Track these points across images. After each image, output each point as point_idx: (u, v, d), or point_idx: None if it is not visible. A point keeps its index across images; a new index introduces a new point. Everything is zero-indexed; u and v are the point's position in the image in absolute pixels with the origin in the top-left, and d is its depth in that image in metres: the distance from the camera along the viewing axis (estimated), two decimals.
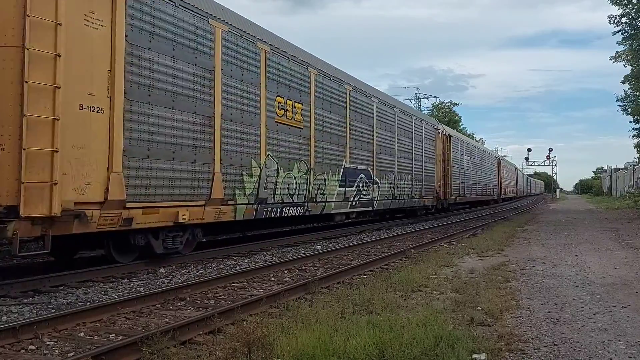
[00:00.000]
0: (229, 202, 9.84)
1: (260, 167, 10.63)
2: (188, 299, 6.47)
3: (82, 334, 4.97)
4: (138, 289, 7.12)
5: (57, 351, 4.49)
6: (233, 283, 7.52)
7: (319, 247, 11.98)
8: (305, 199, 12.40)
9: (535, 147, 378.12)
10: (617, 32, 28.20)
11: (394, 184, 18.53)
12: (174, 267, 8.87)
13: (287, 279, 8.07)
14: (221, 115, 9.54)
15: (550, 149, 75.81)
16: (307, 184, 12.50)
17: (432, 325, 4.65)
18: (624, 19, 27.39)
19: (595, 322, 5.34)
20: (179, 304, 6.24)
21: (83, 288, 7.10)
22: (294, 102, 12.14)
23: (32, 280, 7.01)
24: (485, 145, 59.03)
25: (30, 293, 6.70)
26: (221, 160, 9.54)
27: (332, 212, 14.15)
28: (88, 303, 6.15)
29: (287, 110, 11.77)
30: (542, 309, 5.90)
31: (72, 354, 4.33)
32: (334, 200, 13.92)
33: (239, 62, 10.13)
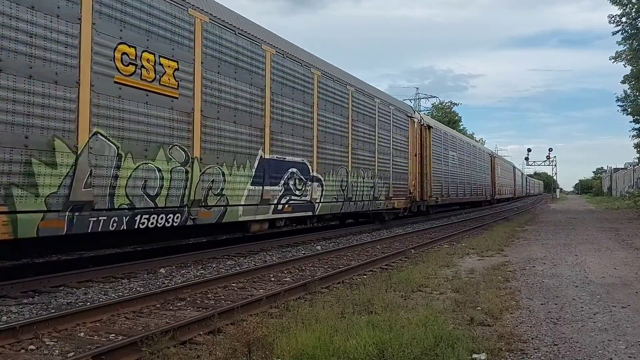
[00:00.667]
0: None
1: (75, 152, 6.78)
2: (188, 299, 6.47)
3: (82, 334, 4.97)
4: (138, 289, 7.12)
5: (57, 351, 4.49)
6: (233, 283, 7.52)
7: (319, 247, 11.99)
8: (184, 201, 8.59)
9: (535, 147, 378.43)
10: (617, 32, 28.24)
11: (347, 181, 14.62)
12: (174, 267, 8.87)
13: (287, 279, 8.07)
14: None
15: (550, 149, 75.81)
16: (186, 180, 8.62)
17: (432, 325, 4.65)
18: (624, 19, 27.43)
19: (595, 322, 5.34)
20: (179, 304, 6.24)
21: (83, 288, 7.10)
22: (161, 56, 8.14)
23: (32, 280, 7.01)
24: (485, 145, 58.45)
25: (30, 293, 6.70)
26: None
27: (242, 219, 10.15)
28: (88, 303, 6.15)
29: (144, 67, 7.87)
30: (542, 309, 5.90)
31: (72, 354, 4.33)
32: (242, 203, 10.04)
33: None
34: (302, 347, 4.02)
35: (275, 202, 11.17)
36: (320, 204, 13.16)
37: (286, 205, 11.61)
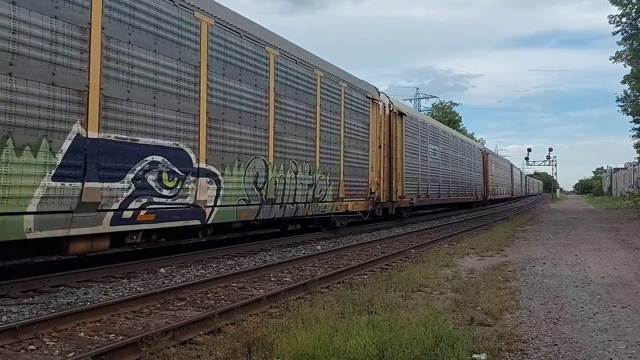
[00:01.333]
0: None
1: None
2: (188, 299, 6.47)
3: (82, 334, 4.97)
4: (138, 289, 7.12)
5: (57, 351, 4.49)
6: (233, 283, 7.52)
7: (319, 247, 11.98)
8: None
9: (535, 147, 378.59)
10: (617, 32, 28.20)
11: (267, 177, 10.74)
12: (174, 267, 8.87)
13: (287, 279, 8.07)
14: None
15: (550, 149, 75.70)
16: None
17: (432, 325, 4.65)
18: (624, 19, 27.39)
19: (595, 322, 5.34)
20: (179, 304, 6.24)
21: (83, 288, 7.10)
22: None
23: (32, 280, 7.01)
24: (485, 146, 57.97)
25: (30, 293, 6.70)
26: None
27: (34, 236, 6.24)
28: (88, 303, 6.15)
29: None
30: (542, 309, 5.90)
31: (72, 354, 4.33)
32: (32, 210, 6.23)
33: None
34: (302, 347, 4.02)
35: (116, 206, 7.34)
36: (216, 208, 9.29)
37: (142, 212, 7.76)
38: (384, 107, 17.59)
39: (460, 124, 67.56)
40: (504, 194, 48.70)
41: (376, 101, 16.77)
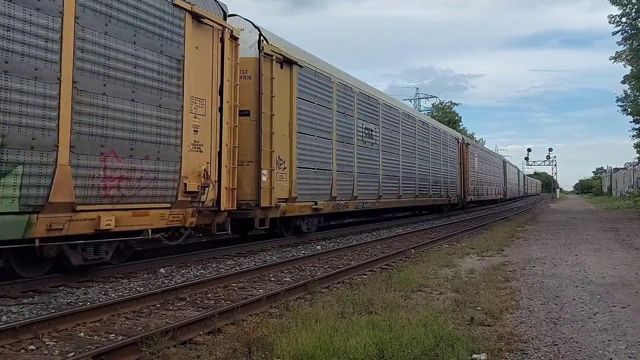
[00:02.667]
0: None
1: None
2: (188, 299, 6.47)
3: (82, 334, 4.97)
4: (138, 289, 7.12)
5: (57, 351, 4.49)
6: (233, 283, 7.52)
7: (318, 247, 11.98)
8: None
9: (535, 147, 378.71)
10: (617, 32, 28.23)
11: None
12: (174, 267, 8.87)
13: (287, 279, 8.07)
14: None
15: (550, 149, 75.61)
16: None
17: (432, 325, 4.65)
18: (623, 19, 27.41)
19: (595, 322, 5.34)
20: (179, 304, 6.24)
21: (83, 288, 7.10)
22: None
23: (32, 280, 7.01)
24: (485, 145, 57.52)
25: (30, 293, 6.70)
26: None
27: None
28: (88, 303, 6.15)
29: None
30: (542, 309, 5.89)
31: (72, 354, 4.33)
32: None
33: None
34: (302, 347, 4.02)
35: None
36: None
37: None
38: (231, 38, 9.73)
39: (460, 124, 67.60)
40: (493, 195, 41.38)
41: (203, 20, 8.92)
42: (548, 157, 75.86)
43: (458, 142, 29.47)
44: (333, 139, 14.17)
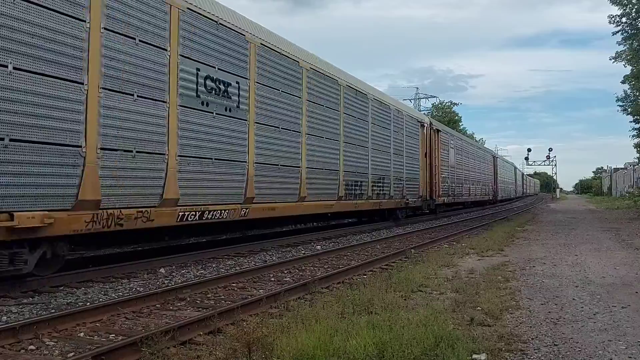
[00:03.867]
0: None
1: None
2: (188, 299, 6.47)
3: (82, 334, 4.97)
4: (138, 289, 7.12)
5: (57, 351, 4.49)
6: (233, 283, 7.52)
7: (318, 247, 11.98)
8: None
9: (535, 147, 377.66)
10: (617, 32, 28.18)
11: None
12: (174, 267, 8.87)
13: (287, 279, 8.07)
14: None
15: (550, 149, 75.66)
16: None
17: (432, 326, 4.64)
18: (623, 19, 27.37)
19: (595, 322, 5.34)
20: (179, 304, 6.23)
21: (83, 288, 7.10)
22: None
23: (32, 280, 7.01)
24: (485, 145, 57.16)
25: (30, 293, 6.69)
26: None
27: None
28: (88, 303, 6.14)
29: None
30: (542, 309, 5.89)
31: (72, 354, 4.33)
32: None
33: None
34: (302, 347, 4.02)
35: None
36: None
37: None
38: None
39: (460, 123, 67.56)
40: (479, 196, 34.53)
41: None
42: (548, 157, 75.92)
43: (423, 126, 22.30)
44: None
